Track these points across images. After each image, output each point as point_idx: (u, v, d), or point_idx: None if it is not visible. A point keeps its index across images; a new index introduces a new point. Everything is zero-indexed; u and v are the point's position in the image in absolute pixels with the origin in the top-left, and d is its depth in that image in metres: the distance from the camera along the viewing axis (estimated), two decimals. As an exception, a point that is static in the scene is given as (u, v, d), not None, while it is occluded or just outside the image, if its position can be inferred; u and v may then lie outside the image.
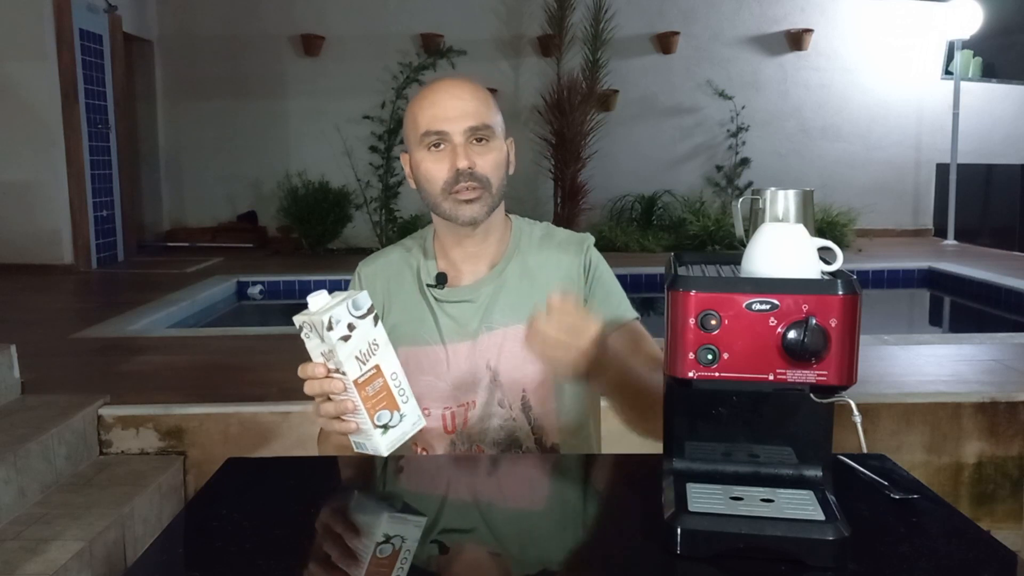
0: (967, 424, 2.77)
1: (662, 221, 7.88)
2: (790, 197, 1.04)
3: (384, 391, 1.05)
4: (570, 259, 1.37)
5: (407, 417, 1.07)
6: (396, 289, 1.38)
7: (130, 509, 2.37)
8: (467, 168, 1.26)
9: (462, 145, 1.27)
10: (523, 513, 1.08)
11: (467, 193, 1.28)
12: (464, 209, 1.29)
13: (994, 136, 8.38)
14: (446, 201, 1.29)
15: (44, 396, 2.84)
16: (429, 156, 1.29)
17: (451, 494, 1.16)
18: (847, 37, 8.26)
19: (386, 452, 1.06)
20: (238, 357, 3.60)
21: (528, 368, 1.30)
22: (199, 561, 0.93)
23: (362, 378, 1.03)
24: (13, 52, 6.10)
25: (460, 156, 1.26)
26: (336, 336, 1.00)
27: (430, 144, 1.28)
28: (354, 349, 1.02)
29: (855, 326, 0.82)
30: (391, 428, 1.06)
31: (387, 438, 1.06)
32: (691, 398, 0.94)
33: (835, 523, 0.84)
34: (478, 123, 1.28)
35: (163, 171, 8.14)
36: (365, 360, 1.03)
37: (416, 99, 1.33)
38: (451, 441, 1.34)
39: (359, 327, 1.02)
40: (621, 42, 7.91)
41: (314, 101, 7.92)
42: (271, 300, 5.84)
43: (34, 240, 6.26)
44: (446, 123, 1.27)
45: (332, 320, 1.00)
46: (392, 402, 1.06)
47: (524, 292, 1.34)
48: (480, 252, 1.36)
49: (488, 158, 1.29)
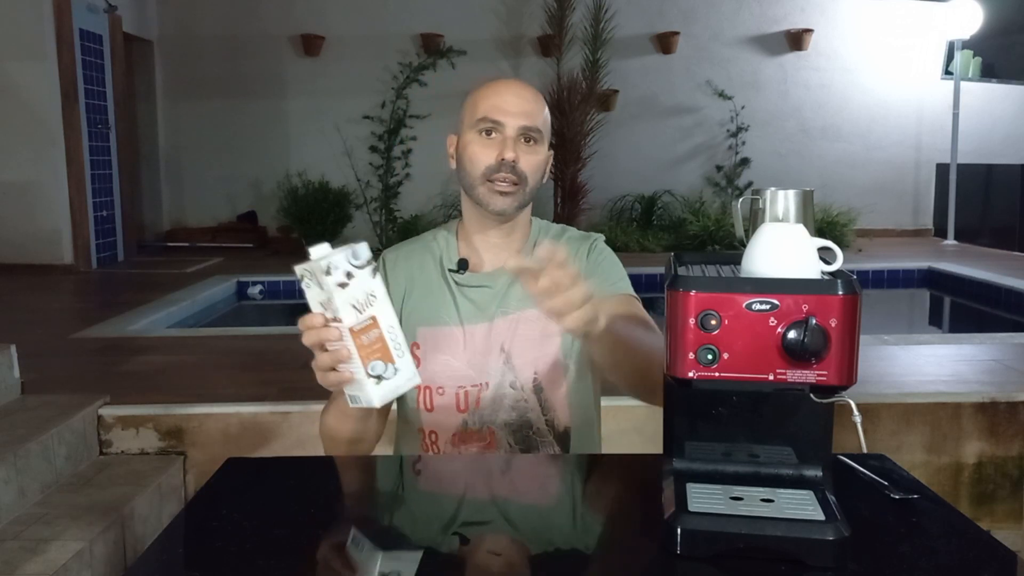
0: (967, 424, 2.77)
1: (662, 221, 7.89)
2: (790, 197, 1.04)
3: (379, 342, 1.04)
4: (575, 247, 1.43)
5: (401, 372, 1.06)
6: (418, 274, 1.42)
7: (130, 509, 2.37)
8: (512, 160, 1.32)
9: (512, 139, 1.33)
10: (523, 513, 1.08)
11: (504, 185, 1.33)
12: (497, 200, 1.34)
13: (994, 136, 8.38)
14: (483, 186, 1.34)
15: (44, 396, 2.84)
16: (479, 140, 1.34)
17: (451, 494, 1.16)
18: (847, 37, 8.26)
19: (378, 403, 1.05)
20: (238, 357, 3.60)
21: (540, 351, 1.36)
22: (199, 561, 0.93)
23: (358, 326, 1.02)
24: (13, 52, 6.10)
25: (508, 148, 1.32)
26: (333, 282, 1.00)
27: (483, 129, 1.34)
28: (351, 297, 1.02)
29: (855, 326, 0.82)
30: (384, 380, 1.05)
31: (380, 389, 1.05)
32: (691, 398, 0.94)
33: (835, 523, 0.84)
34: (532, 124, 1.34)
35: (163, 171, 8.14)
36: (362, 309, 1.03)
37: (480, 88, 1.39)
38: (463, 420, 1.36)
39: (357, 276, 1.03)
40: (621, 42, 7.91)
41: (314, 101, 7.92)
42: (271, 300, 5.84)
43: (34, 240, 6.26)
44: (504, 115, 1.33)
45: (330, 266, 1.00)
46: (387, 354, 1.05)
47: None
48: (502, 244, 1.42)
49: (532, 158, 1.35)
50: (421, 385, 1.36)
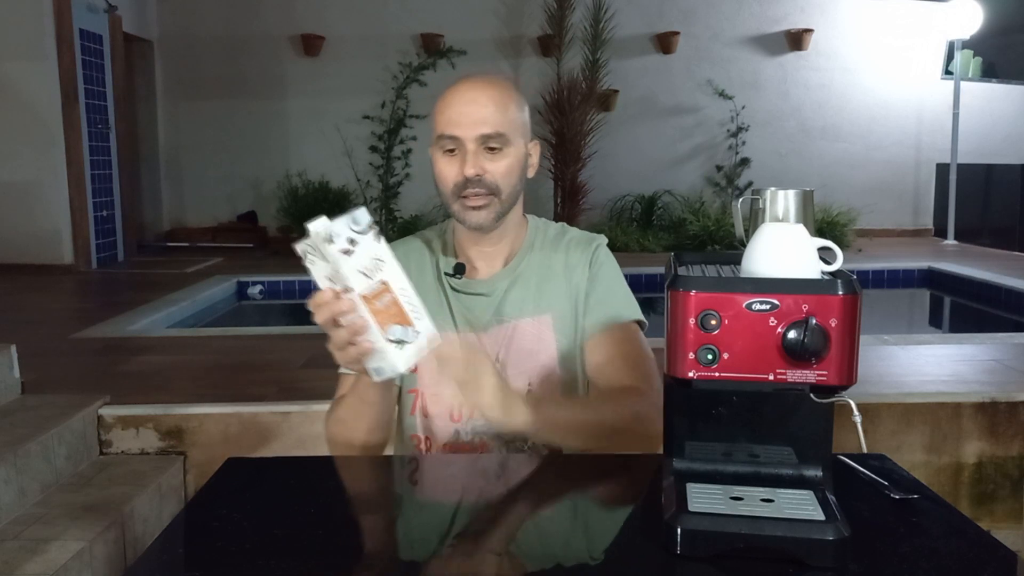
0: (967, 424, 2.77)
1: (662, 221, 7.89)
2: (790, 197, 1.04)
3: (394, 306, 1.01)
4: (578, 257, 1.38)
5: (422, 333, 1.02)
6: (416, 276, 1.37)
7: (130, 509, 2.37)
8: (475, 176, 1.27)
9: (473, 152, 1.28)
10: (523, 513, 1.08)
11: (475, 200, 1.29)
12: (471, 215, 1.30)
13: (994, 136, 8.38)
14: (455, 203, 1.31)
15: (44, 396, 2.84)
16: (442, 158, 1.31)
17: (450, 494, 1.16)
18: (847, 37, 8.26)
19: (404, 369, 1.01)
20: (238, 357, 3.59)
21: (535, 360, 1.33)
22: (199, 561, 0.93)
23: (370, 293, 0.99)
24: (13, 52, 6.10)
25: (469, 164, 1.27)
26: (337, 249, 0.97)
27: (445, 148, 1.30)
28: (357, 264, 0.98)
29: (855, 326, 0.82)
30: (406, 344, 1.01)
31: (404, 354, 1.01)
32: (691, 398, 0.94)
33: (835, 523, 0.84)
34: (491, 131, 1.28)
35: (163, 171, 8.14)
36: (371, 275, 0.99)
37: (440, 98, 1.33)
38: (456, 430, 1.34)
39: (361, 242, 0.99)
40: (621, 42, 7.92)
41: (314, 101, 7.92)
42: (271, 300, 5.84)
43: (34, 240, 6.26)
44: (458, 129, 1.28)
45: (332, 234, 0.97)
46: (404, 317, 1.01)
47: (535, 288, 1.37)
48: (495, 252, 1.39)
49: (499, 165, 1.29)
50: (417, 390, 1.35)
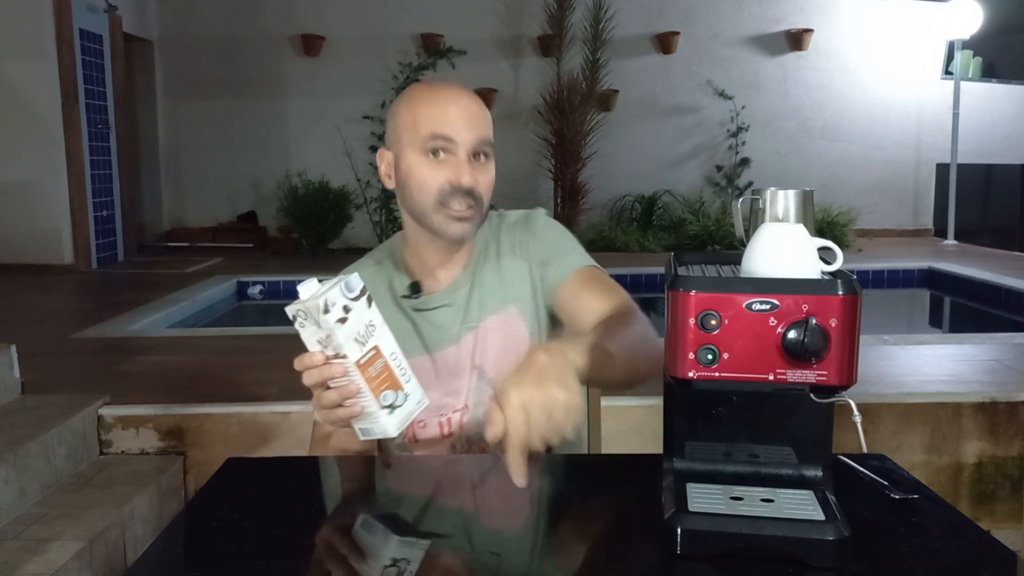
0: (967, 424, 2.77)
1: (662, 221, 7.89)
2: (790, 197, 1.04)
3: (386, 371, 1.03)
4: (520, 234, 1.35)
5: (411, 396, 1.05)
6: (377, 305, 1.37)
7: (130, 509, 2.37)
8: (471, 187, 1.22)
9: (466, 161, 1.22)
10: (523, 513, 1.08)
11: (464, 211, 1.23)
12: (455, 226, 1.24)
13: (994, 136, 8.38)
14: (437, 214, 1.23)
15: (44, 396, 2.84)
16: (427, 162, 1.22)
17: (450, 494, 1.16)
18: (847, 37, 8.26)
19: (395, 432, 1.04)
20: (238, 357, 3.60)
21: (512, 355, 1.27)
22: (199, 561, 0.93)
23: (363, 359, 1.00)
24: (13, 52, 6.10)
25: (465, 173, 1.21)
26: (333, 319, 0.98)
27: (432, 149, 1.22)
28: (352, 331, 1.00)
29: (855, 326, 0.82)
30: (397, 408, 1.04)
31: (394, 418, 1.03)
32: (691, 398, 0.94)
33: (835, 523, 0.84)
34: (484, 138, 1.24)
35: (163, 171, 8.15)
36: (364, 341, 1.01)
37: (414, 97, 1.26)
38: (450, 444, 1.33)
39: (354, 308, 1.01)
40: (621, 42, 7.92)
41: (314, 101, 7.92)
42: (271, 300, 5.83)
43: (34, 240, 6.26)
44: (455, 131, 1.21)
45: (327, 303, 0.98)
46: (395, 382, 1.04)
47: (495, 283, 1.33)
48: (456, 259, 1.33)
49: (487, 177, 1.26)
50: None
